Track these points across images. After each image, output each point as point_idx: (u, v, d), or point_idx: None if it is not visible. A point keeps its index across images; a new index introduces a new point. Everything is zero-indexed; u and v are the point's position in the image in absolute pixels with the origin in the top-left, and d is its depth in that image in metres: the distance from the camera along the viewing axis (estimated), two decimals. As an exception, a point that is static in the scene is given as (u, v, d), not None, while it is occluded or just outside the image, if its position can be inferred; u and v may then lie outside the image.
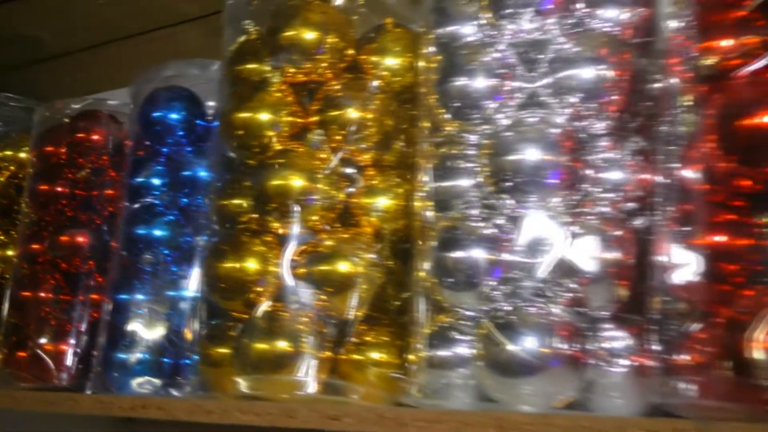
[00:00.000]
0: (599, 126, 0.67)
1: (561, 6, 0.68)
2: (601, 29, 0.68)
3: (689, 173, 0.59)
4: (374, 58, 0.81)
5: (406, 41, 0.81)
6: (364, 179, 0.80)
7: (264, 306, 0.74)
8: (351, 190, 0.79)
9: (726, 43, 0.58)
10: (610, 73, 0.66)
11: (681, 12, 0.62)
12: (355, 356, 0.75)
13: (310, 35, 0.78)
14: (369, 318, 0.76)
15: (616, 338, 0.63)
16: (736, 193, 0.57)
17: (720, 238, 0.58)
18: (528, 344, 0.61)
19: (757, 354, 0.51)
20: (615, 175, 0.66)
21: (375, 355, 0.75)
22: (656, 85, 0.64)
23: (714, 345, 0.54)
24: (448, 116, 0.70)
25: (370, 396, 0.73)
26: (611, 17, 0.69)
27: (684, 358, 0.56)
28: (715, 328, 0.54)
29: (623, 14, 0.69)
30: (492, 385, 0.63)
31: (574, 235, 0.64)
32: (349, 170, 0.80)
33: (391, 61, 0.81)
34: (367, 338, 0.76)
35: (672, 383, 0.56)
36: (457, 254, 0.66)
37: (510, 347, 0.61)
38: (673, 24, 0.63)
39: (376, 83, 0.79)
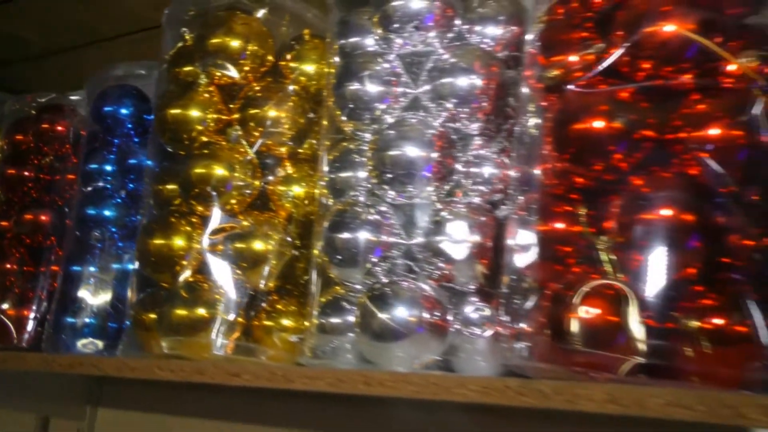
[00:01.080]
0: (471, 127, 0.69)
1: (441, 22, 0.70)
2: (475, 44, 0.71)
3: (535, 170, 0.62)
4: (293, 65, 0.83)
5: (320, 50, 0.82)
6: (281, 170, 0.82)
7: (185, 277, 0.77)
8: (270, 178, 0.82)
9: (566, 58, 0.61)
10: (481, 82, 0.68)
11: (536, 30, 0.65)
12: (267, 322, 0.77)
13: (234, 43, 0.80)
14: (280, 289, 0.79)
15: (478, 309, 0.66)
16: (571, 187, 0.60)
17: (558, 225, 0.61)
18: (397, 313, 0.63)
19: (571, 323, 0.54)
20: (484, 170, 0.69)
21: (285, 322, 0.78)
22: (517, 93, 0.67)
23: (543, 316, 0.57)
24: (344, 116, 0.72)
25: (277, 357, 0.76)
26: (486, 33, 0.72)
27: (523, 326, 0.59)
28: (545, 301, 0.57)
29: (497, 31, 0.71)
30: (367, 348, 0.65)
31: (445, 221, 0.67)
32: (268, 161, 0.82)
33: (308, 68, 0.83)
34: (279, 306, 0.78)
35: (516, 348, 0.59)
36: (344, 235, 0.68)
37: (381, 316, 0.63)
38: (529, 40, 0.65)
39: (292, 87, 0.82)
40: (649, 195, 0.55)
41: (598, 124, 0.57)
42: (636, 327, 0.53)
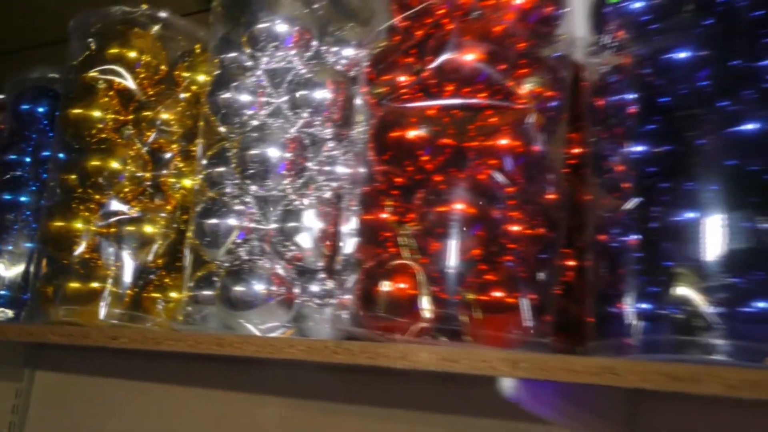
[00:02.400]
0: (324, 132, 0.73)
1: (300, 43, 0.73)
2: (330, 62, 0.74)
3: (365, 169, 0.65)
4: (185, 74, 0.85)
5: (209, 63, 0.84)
6: (173, 164, 0.84)
7: (80, 255, 0.78)
8: (164, 172, 0.83)
9: (391, 77, 0.64)
10: (331, 95, 0.71)
11: (371, 53, 0.68)
12: (154, 294, 0.79)
13: (130, 54, 0.82)
14: (168, 266, 0.81)
15: (323, 285, 0.70)
16: (391, 184, 0.64)
17: (377, 215, 0.64)
18: (250, 287, 0.66)
19: (377, 295, 0.58)
20: (334, 168, 0.72)
21: (173, 294, 0.80)
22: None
23: (359, 289, 0.61)
24: (218, 120, 0.74)
25: (162, 324, 0.78)
26: (341, 54, 0.75)
27: (347, 298, 0.63)
28: (361, 277, 0.61)
29: (350, 53, 0.75)
30: (226, 316, 0.68)
31: (297, 210, 0.70)
32: (161, 157, 0.83)
33: (199, 77, 0.85)
34: (166, 281, 0.80)
35: (343, 316, 0.63)
36: (212, 221, 0.70)
37: (236, 288, 0.66)
38: (366, 60, 0.68)
39: (183, 95, 0.83)
40: (445, 191, 0.59)
41: (411, 133, 0.61)
42: (428, 299, 0.57)
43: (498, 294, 0.58)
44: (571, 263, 0.64)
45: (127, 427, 0.99)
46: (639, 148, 0.58)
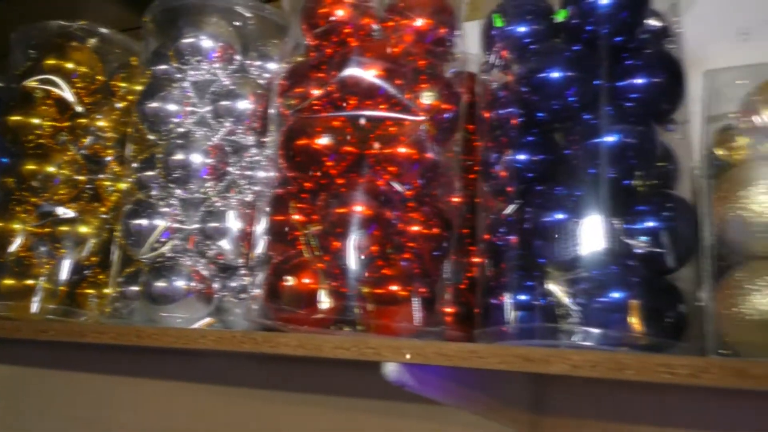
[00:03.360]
0: (246, 140, 0.74)
1: (223, 57, 0.74)
2: (253, 76, 0.76)
3: (276, 173, 0.67)
4: (121, 84, 0.85)
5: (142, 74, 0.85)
6: (109, 168, 0.83)
7: (14, 252, 0.77)
8: (101, 176, 0.83)
9: (303, 90, 0.66)
10: (252, 106, 0.73)
11: (286, 66, 0.69)
12: (88, 290, 0.79)
13: (67, 65, 0.81)
14: (102, 264, 0.81)
15: (243, 280, 0.71)
16: (299, 188, 0.65)
17: (285, 216, 0.65)
18: (170, 283, 0.67)
19: (280, 289, 0.59)
20: (256, 173, 0.73)
21: (107, 290, 0.79)
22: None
23: (266, 284, 0.62)
24: (146, 128, 0.74)
25: (93, 317, 0.77)
26: (264, 68, 0.76)
27: (258, 292, 0.64)
28: (269, 272, 0.62)
29: (272, 66, 0.76)
30: (148, 310, 0.69)
31: (218, 211, 0.71)
32: (98, 161, 0.83)
33: (136, 87, 0.85)
34: (100, 277, 0.80)
35: (254, 309, 0.64)
36: (136, 221, 0.71)
37: (157, 284, 0.67)
38: (280, 73, 0.70)
39: (119, 104, 0.84)
40: (345, 194, 0.61)
41: (317, 141, 0.63)
42: (328, 293, 0.59)
43: (393, 288, 0.60)
44: (476, 260, 0.67)
45: (60, 414, 0.98)
46: (520, 157, 0.60)
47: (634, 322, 0.52)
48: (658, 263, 0.54)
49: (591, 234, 0.55)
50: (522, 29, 0.62)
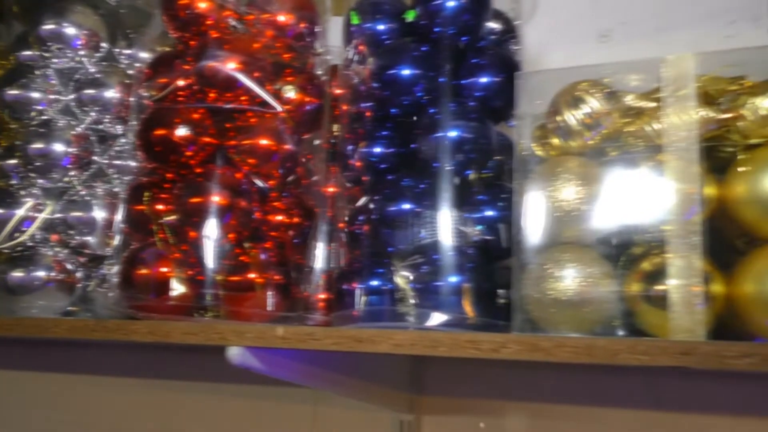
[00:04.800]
0: (115, 129, 0.74)
1: (89, 45, 0.74)
2: (122, 65, 0.76)
3: (132, 162, 0.67)
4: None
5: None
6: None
7: None
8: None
9: (165, 81, 0.66)
10: (118, 95, 0.73)
11: (150, 56, 0.70)
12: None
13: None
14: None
15: (108, 269, 0.71)
16: (163, 178, 0.66)
17: (157, 206, 0.66)
18: (29, 272, 0.67)
19: (132, 278, 0.61)
20: (125, 162, 0.74)
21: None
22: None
23: (123, 272, 0.63)
24: (7, 116, 0.73)
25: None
26: (134, 56, 0.76)
27: (114, 282, 0.64)
28: (126, 261, 0.63)
29: (144, 55, 0.76)
30: (7, 301, 0.68)
31: (84, 200, 0.71)
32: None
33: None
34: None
35: (111, 297, 0.64)
36: (-5, 211, 0.70)
37: (15, 274, 0.67)
38: (144, 62, 0.70)
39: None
40: (202, 185, 0.62)
41: (176, 132, 0.64)
42: (184, 281, 0.60)
43: (250, 275, 0.62)
44: (333, 248, 0.70)
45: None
46: (374, 149, 0.64)
47: (467, 304, 0.57)
48: (492, 250, 0.59)
49: (432, 223, 0.59)
50: (376, 27, 0.65)
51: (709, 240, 0.45)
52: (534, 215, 0.51)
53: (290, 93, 0.66)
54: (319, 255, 0.67)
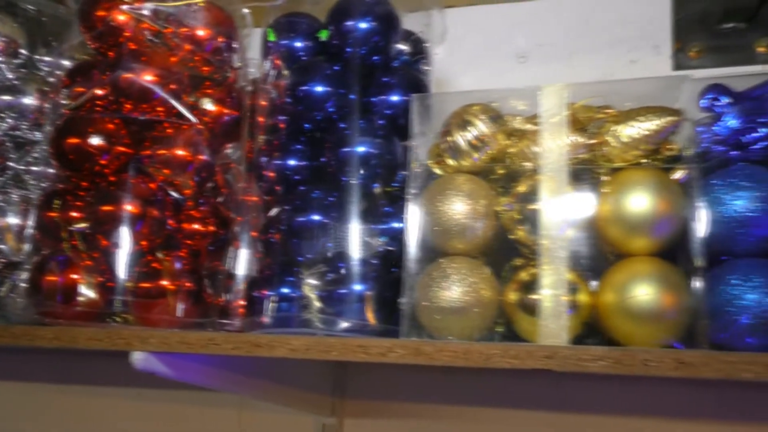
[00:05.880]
0: (34, 135, 0.74)
1: (6, 51, 0.74)
2: (42, 72, 0.76)
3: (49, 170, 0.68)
4: None
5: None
6: None
7: None
8: None
9: (81, 89, 0.68)
10: (38, 102, 0.74)
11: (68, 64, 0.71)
12: None
13: None
14: None
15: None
16: (77, 186, 0.67)
17: (74, 214, 0.67)
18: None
19: (40, 284, 0.62)
20: (44, 169, 0.74)
21: None
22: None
23: (32, 278, 0.64)
24: None
25: None
26: (51, 63, 0.77)
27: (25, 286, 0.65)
28: (35, 267, 0.64)
29: (65, 62, 0.77)
30: None
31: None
32: None
33: None
34: None
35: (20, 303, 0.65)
36: None
37: None
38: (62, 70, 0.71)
39: None
40: (114, 193, 0.64)
41: (90, 140, 0.65)
42: (92, 287, 0.62)
43: (161, 282, 0.64)
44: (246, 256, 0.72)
45: None
46: (287, 161, 0.67)
47: (369, 311, 0.60)
48: (395, 260, 0.63)
49: (339, 234, 0.62)
50: (291, 44, 0.68)
51: (589, 253, 0.50)
52: (423, 228, 0.54)
53: (208, 105, 0.69)
54: (234, 263, 0.69)
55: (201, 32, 0.69)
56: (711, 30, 0.83)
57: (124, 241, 0.62)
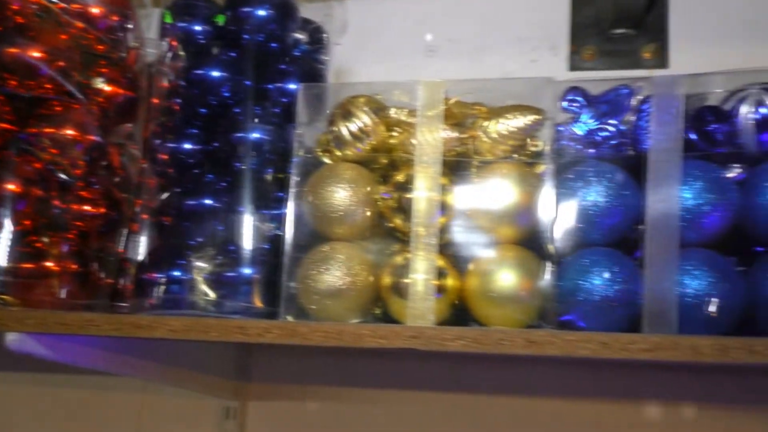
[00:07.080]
0: None
1: None
2: None
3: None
4: None
5: None
6: None
7: None
8: None
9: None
10: None
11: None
12: None
13: None
14: None
15: None
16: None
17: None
18: None
19: None
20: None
21: None
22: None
23: None
24: None
25: None
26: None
27: None
28: None
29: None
30: None
31: None
32: None
33: None
34: None
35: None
36: None
37: None
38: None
39: None
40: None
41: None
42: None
43: (47, 263, 0.64)
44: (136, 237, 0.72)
45: None
46: (181, 144, 0.67)
47: (257, 294, 0.62)
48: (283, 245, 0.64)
49: (229, 218, 0.64)
50: (188, 27, 0.68)
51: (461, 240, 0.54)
52: (306, 213, 0.57)
53: (101, 84, 0.68)
54: (125, 245, 0.69)
55: (94, 10, 0.68)
56: (603, 35, 0.89)
57: (4, 220, 0.61)
